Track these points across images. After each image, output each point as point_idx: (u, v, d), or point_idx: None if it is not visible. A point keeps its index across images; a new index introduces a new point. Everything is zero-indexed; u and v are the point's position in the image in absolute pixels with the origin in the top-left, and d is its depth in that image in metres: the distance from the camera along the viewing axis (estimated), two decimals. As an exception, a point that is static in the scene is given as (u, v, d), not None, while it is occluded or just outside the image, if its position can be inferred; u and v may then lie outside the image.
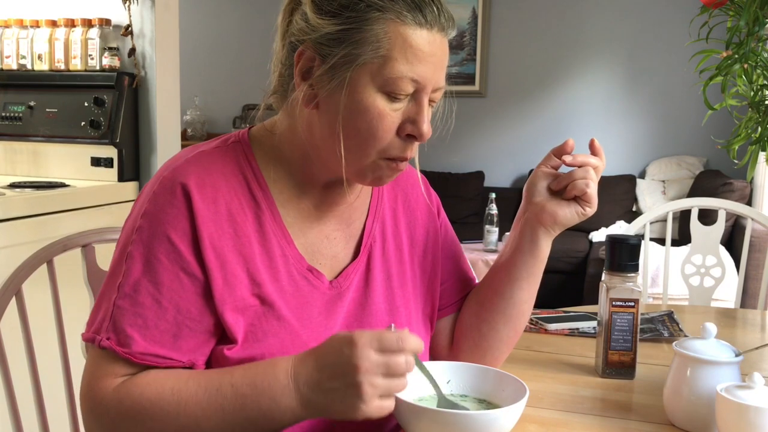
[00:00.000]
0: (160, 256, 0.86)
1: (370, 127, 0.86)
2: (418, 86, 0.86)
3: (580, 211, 1.00)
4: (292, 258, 0.93)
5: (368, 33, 0.84)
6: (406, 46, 0.84)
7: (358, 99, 0.86)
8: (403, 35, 0.84)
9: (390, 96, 0.86)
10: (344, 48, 0.85)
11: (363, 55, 0.84)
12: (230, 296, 0.87)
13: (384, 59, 0.84)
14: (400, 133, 0.88)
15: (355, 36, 0.84)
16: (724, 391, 0.87)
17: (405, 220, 1.06)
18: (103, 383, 0.85)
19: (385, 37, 0.84)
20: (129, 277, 0.86)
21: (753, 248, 3.24)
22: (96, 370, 0.86)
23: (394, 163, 0.90)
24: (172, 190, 0.87)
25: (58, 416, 1.27)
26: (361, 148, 0.88)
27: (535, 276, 1.04)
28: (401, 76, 0.85)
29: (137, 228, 0.87)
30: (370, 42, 0.84)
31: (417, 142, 0.90)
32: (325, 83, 0.87)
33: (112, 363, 0.85)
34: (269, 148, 0.95)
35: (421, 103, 0.88)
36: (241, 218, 0.90)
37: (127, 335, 0.84)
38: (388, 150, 0.89)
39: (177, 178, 0.88)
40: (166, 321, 0.85)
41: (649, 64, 4.84)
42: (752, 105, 1.41)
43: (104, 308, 0.87)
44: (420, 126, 0.88)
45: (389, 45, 0.84)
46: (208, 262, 0.86)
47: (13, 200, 2.13)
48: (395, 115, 0.87)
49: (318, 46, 0.86)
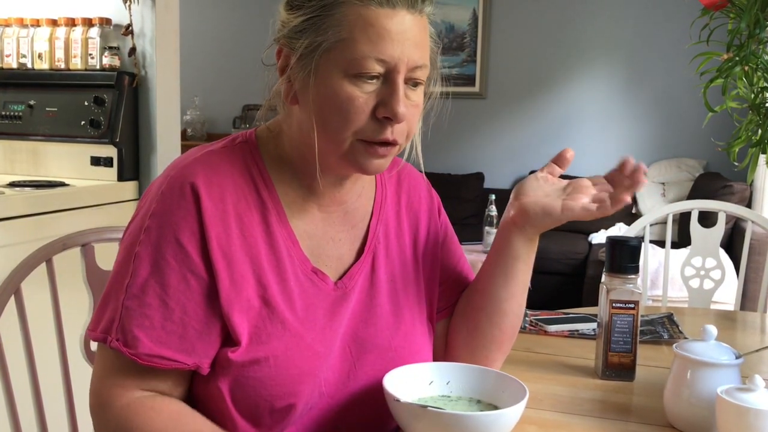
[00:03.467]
0: (168, 258, 0.86)
1: (340, 111, 0.86)
2: (387, 66, 0.85)
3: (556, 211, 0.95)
4: (298, 259, 0.93)
5: (330, 19, 0.85)
6: (368, 26, 0.84)
7: (326, 85, 0.86)
8: (364, 16, 0.84)
9: (357, 78, 0.85)
10: (308, 37, 0.86)
11: (326, 41, 0.85)
12: (237, 297, 0.87)
13: (345, 42, 0.84)
14: (376, 115, 0.87)
15: (317, 23, 0.85)
16: (724, 393, 0.87)
17: (408, 221, 1.06)
18: (113, 392, 0.87)
19: (345, 21, 0.84)
20: (137, 278, 0.86)
21: (753, 251, 3.24)
22: (104, 371, 0.88)
23: (373, 147, 0.88)
24: (181, 190, 0.87)
25: (56, 415, 1.26)
26: (336, 133, 0.87)
27: (512, 275, 1.02)
28: (364, 56, 0.84)
29: (145, 228, 0.87)
30: (332, 27, 0.85)
31: (395, 123, 0.88)
32: (297, 75, 0.88)
33: (121, 369, 0.86)
34: (274, 149, 0.96)
35: (394, 84, 0.86)
36: (248, 218, 0.90)
37: (134, 336, 0.84)
38: (364, 131, 0.87)
39: (186, 178, 0.88)
40: (172, 322, 0.85)
41: (649, 66, 4.84)
42: (753, 107, 1.41)
43: (112, 308, 0.87)
44: (393, 107, 0.86)
45: (350, 27, 0.84)
46: (215, 263, 0.86)
47: (13, 199, 2.13)
48: (367, 97, 0.86)
49: (289, 41, 0.88)
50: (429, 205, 1.09)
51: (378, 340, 0.97)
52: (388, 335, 0.98)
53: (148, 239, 0.86)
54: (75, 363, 1.26)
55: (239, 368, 0.87)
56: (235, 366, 0.87)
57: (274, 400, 0.88)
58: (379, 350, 0.96)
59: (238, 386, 0.87)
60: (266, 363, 0.87)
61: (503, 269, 1.02)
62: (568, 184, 0.99)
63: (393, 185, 1.06)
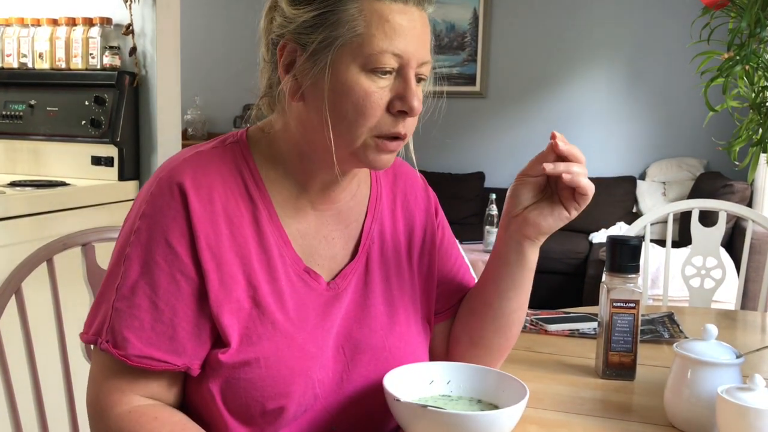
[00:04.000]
0: (157, 259, 0.86)
1: (357, 107, 0.86)
2: (401, 61, 0.86)
3: (565, 215, 0.95)
4: (289, 259, 0.92)
5: (343, 14, 0.84)
6: (383, 21, 0.84)
7: (342, 80, 0.85)
8: (379, 11, 0.84)
9: (374, 73, 0.85)
10: (322, 32, 0.85)
11: (341, 36, 0.84)
12: (226, 298, 0.87)
13: (363, 37, 0.84)
14: (390, 109, 0.87)
15: (330, 19, 0.85)
16: (724, 392, 0.87)
17: (404, 221, 1.05)
18: (111, 398, 0.87)
19: (360, 16, 0.84)
20: (127, 279, 0.86)
21: (753, 250, 3.24)
22: (99, 375, 0.88)
23: (386, 141, 0.89)
24: (170, 191, 0.87)
25: (57, 415, 1.27)
26: (350, 129, 0.87)
27: (523, 286, 1.02)
28: (382, 51, 0.84)
29: (135, 230, 0.87)
30: (347, 22, 0.84)
31: (409, 117, 0.88)
32: (307, 71, 0.87)
33: (114, 371, 0.87)
34: (266, 148, 0.95)
35: (407, 78, 0.87)
36: (238, 218, 0.90)
37: (124, 337, 0.85)
38: (379, 127, 0.87)
39: (173, 178, 0.88)
40: (162, 323, 0.85)
41: (650, 65, 4.84)
42: (753, 106, 1.41)
43: (104, 310, 0.87)
44: (410, 101, 0.86)
45: (366, 22, 0.84)
46: (204, 264, 0.86)
47: (14, 199, 2.13)
48: (382, 92, 0.86)
49: (297, 37, 0.87)
50: (425, 204, 1.08)
51: (372, 341, 0.96)
52: (383, 335, 0.97)
53: (138, 240, 0.86)
54: (75, 362, 1.26)
55: (230, 369, 0.87)
56: (225, 367, 0.87)
57: (265, 401, 0.87)
58: (373, 351, 0.96)
59: (229, 388, 0.87)
60: (257, 364, 0.87)
61: (516, 282, 1.01)
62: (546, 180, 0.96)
63: (389, 184, 1.06)
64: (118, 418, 0.85)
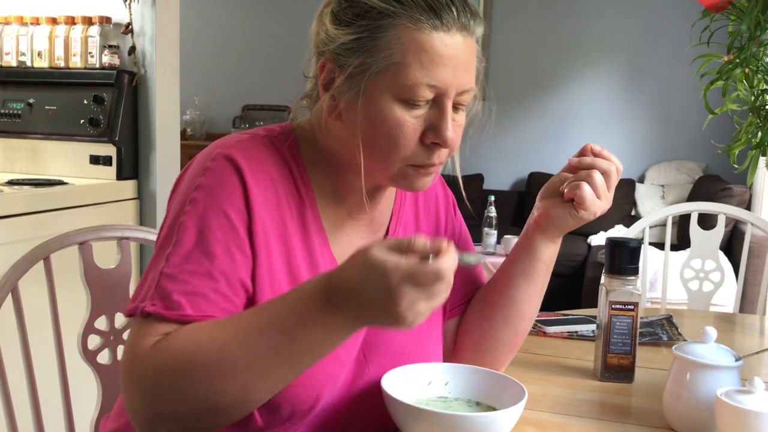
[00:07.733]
0: (214, 229, 0.83)
1: (389, 136, 0.85)
2: (437, 91, 0.84)
3: (573, 213, 0.97)
4: (329, 260, 0.92)
5: (381, 40, 0.82)
6: (421, 51, 0.82)
7: (375, 108, 0.84)
8: (417, 40, 0.82)
9: (408, 103, 0.84)
10: (358, 57, 0.83)
11: (376, 63, 0.83)
12: (270, 287, 0.85)
13: (398, 66, 0.82)
14: (423, 140, 0.86)
15: (368, 44, 0.83)
16: (724, 395, 0.86)
17: (426, 222, 1.06)
18: (142, 344, 0.78)
19: (398, 44, 0.82)
20: (180, 248, 0.82)
21: (752, 253, 3.23)
22: (136, 336, 0.80)
23: (422, 169, 0.88)
24: (228, 167, 0.85)
25: (53, 414, 1.26)
26: (384, 157, 0.86)
27: (532, 276, 1.02)
28: (417, 83, 0.82)
29: (191, 200, 0.84)
30: (384, 49, 0.82)
31: (443, 149, 0.87)
32: (344, 94, 0.86)
33: (154, 324, 0.79)
34: (311, 149, 0.94)
35: (443, 109, 0.85)
36: (286, 209, 0.89)
37: (173, 301, 0.79)
38: (413, 158, 0.87)
39: (231, 156, 0.86)
40: (214, 292, 0.81)
41: (649, 68, 4.84)
42: (753, 110, 1.41)
43: (150, 278, 0.82)
44: (443, 133, 0.85)
45: (402, 51, 0.82)
46: (257, 245, 0.85)
47: (12, 197, 2.12)
48: (416, 122, 0.85)
49: (336, 57, 0.85)
50: (445, 202, 1.10)
51: (392, 345, 0.96)
52: (402, 341, 0.97)
53: (194, 210, 0.83)
54: (72, 361, 1.26)
55: None
56: None
57: (296, 403, 0.86)
58: (392, 355, 0.96)
59: None
60: None
61: (525, 270, 1.02)
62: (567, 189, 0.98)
63: None
64: (147, 356, 0.77)
